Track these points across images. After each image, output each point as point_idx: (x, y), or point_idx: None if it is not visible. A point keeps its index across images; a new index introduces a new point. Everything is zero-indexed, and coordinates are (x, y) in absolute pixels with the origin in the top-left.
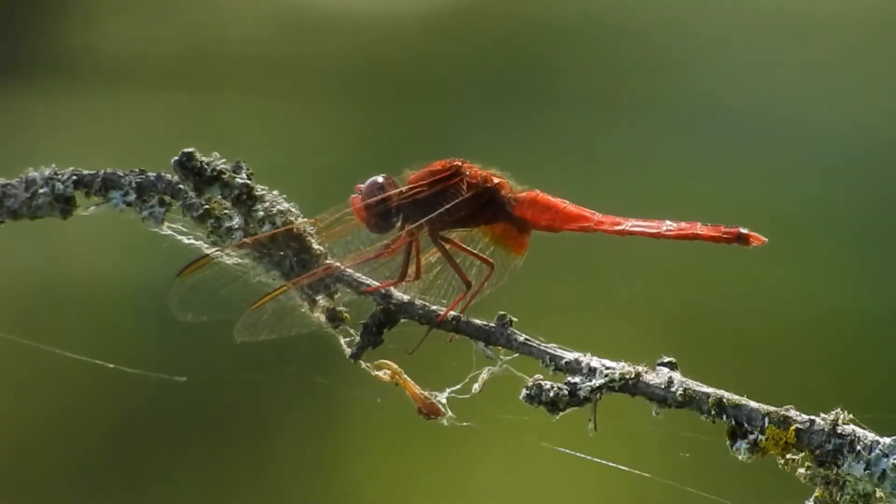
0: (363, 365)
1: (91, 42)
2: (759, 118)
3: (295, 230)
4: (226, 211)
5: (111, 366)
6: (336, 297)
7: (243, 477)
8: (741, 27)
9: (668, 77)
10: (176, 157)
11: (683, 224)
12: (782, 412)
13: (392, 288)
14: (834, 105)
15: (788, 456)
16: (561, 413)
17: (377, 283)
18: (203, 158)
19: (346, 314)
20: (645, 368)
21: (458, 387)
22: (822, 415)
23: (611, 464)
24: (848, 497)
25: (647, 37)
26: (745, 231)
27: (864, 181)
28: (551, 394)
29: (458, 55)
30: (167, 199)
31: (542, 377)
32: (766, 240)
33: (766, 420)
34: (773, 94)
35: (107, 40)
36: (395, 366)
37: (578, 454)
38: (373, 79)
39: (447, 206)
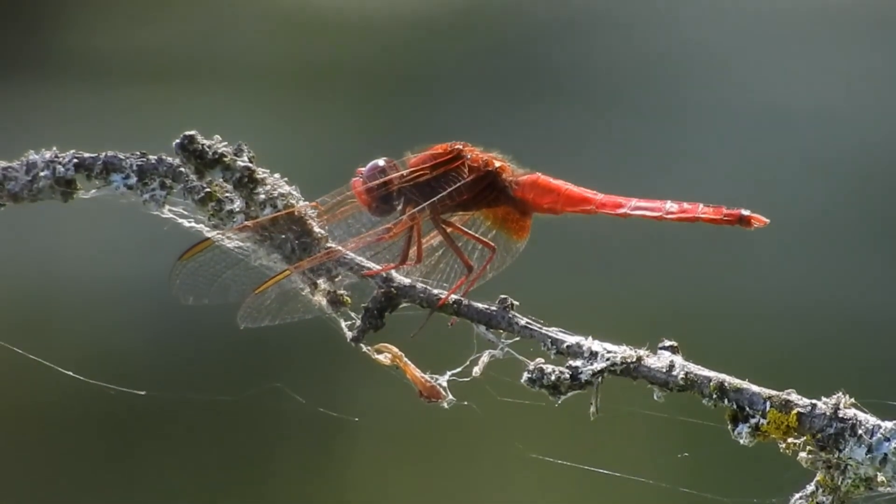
0: (364, 348)
1: (91, 41)
2: (763, 115)
3: (296, 213)
4: (227, 194)
5: (70, 373)
6: (337, 280)
7: (224, 496)
8: (740, 26)
9: (665, 75)
10: (177, 140)
11: (685, 206)
12: (784, 396)
13: (393, 271)
14: (848, 102)
15: (790, 440)
16: (563, 397)
17: (378, 267)
18: (205, 141)
19: (347, 298)
20: (646, 352)
21: (459, 370)
22: (824, 399)
23: (604, 471)
24: (850, 481)
25: (646, 35)
26: (746, 213)
27: (874, 178)
28: (553, 377)
29: (455, 55)
30: (168, 182)
31: (543, 361)
32: (768, 221)
33: (768, 404)
34: (777, 92)
35: (107, 39)
36: (395, 349)
37: (582, 466)
38: (372, 79)
39: (449, 190)
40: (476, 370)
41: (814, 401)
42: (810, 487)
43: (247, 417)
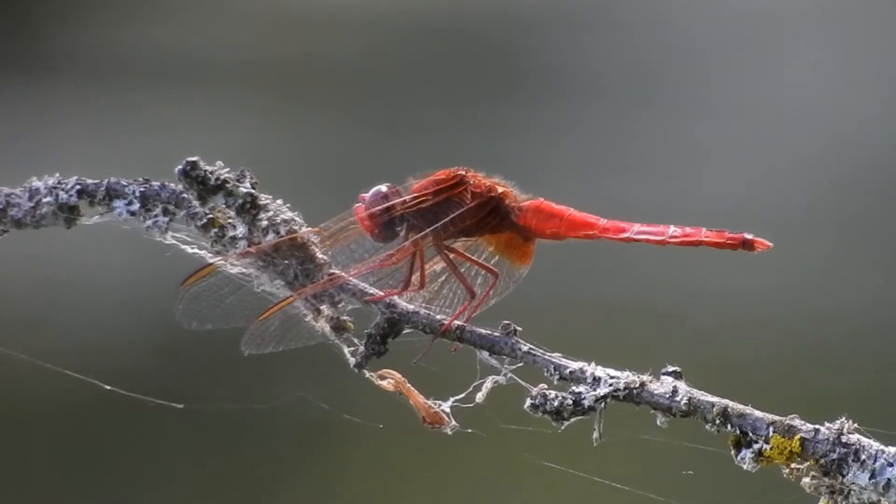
0: (367, 374)
1: (93, 41)
2: (761, 112)
3: (299, 239)
4: (230, 220)
5: (108, 387)
6: (340, 306)
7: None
8: (726, 26)
9: (658, 73)
10: (180, 166)
11: (688, 230)
12: (787, 421)
13: (396, 297)
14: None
15: (793, 465)
16: (566, 422)
17: (381, 293)
18: (207, 167)
19: (350, 324)
20: (649, 378)
21: (462, 396)
22: (827, 424)
23: (614, 484)
24: None
25: (633, 33)
26: (749, 236)
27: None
28: (556, 403)
29: (436, 54)
30: (171, 208)
31: (546, 386)
32: (771, 245)
33: (771, 429)
34: (775, 89)
35: (108, 39)
36: (398, 375)
37: (588, 476)
38: (368, 79)
39: (451, 216)
40: (479, 396)
41: (817, 426)
42: None
43: (263, 426)
